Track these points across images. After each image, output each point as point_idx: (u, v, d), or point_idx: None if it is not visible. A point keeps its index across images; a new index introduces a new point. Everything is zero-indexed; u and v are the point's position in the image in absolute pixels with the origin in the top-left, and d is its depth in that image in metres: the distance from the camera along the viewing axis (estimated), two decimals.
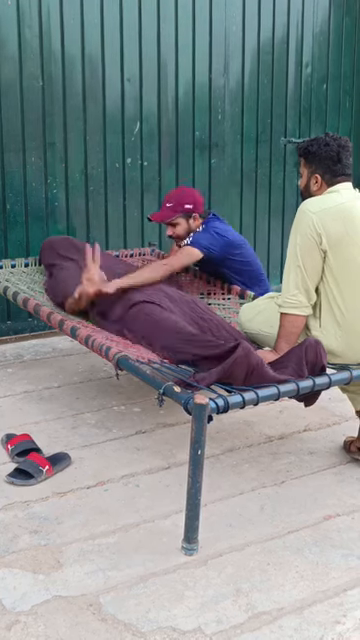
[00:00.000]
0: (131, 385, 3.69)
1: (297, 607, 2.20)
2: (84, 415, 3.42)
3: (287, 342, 2.82)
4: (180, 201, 3.79)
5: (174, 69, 4.75)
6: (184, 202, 3.78)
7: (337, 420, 3.43)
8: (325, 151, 2.85)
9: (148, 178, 4.77)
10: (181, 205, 3.77)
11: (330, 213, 2.76)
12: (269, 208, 5.32)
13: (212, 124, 4.97)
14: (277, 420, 3.43)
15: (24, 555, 2.40)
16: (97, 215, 4.63)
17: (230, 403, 2.39)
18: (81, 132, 4.47)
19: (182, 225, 3.78)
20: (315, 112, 5.46)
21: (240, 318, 3.18)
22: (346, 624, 2.13)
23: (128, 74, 4.57)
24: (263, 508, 2.72)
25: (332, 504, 2.76)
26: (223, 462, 3.04)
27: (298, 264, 2.78)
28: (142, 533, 2.54)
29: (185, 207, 3.77)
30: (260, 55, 5.11)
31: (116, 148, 4.61)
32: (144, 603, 2.19)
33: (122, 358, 2.74)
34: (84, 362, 4.08)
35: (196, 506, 2.38)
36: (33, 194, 4.38)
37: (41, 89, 4.30)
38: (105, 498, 2.75)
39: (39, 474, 2.83)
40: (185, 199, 3.79)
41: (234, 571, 2.35)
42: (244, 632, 2.09)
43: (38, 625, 2.09)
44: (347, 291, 2.78)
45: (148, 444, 3.17)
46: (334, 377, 2.68)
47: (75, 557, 2.39)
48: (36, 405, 3.53)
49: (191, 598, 2.22)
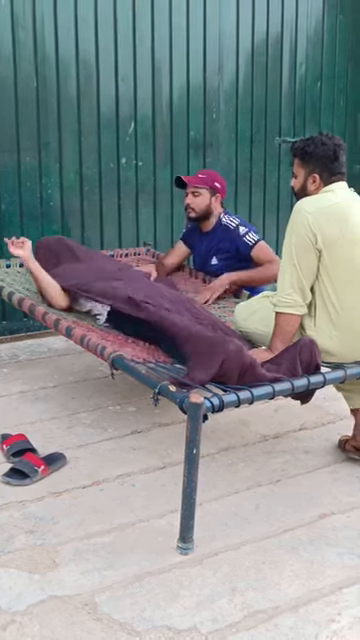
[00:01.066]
0: (126, 385, 3.69)
1: (292, 605, 2.20)
2: (79, 415, 3.42)
3: (282, 341, 2.83)
4: (213, 177, 3.97)
5: (168, 69, 4.75)
6: (215, 180, 3.96)
7: (332, 419, 3.44)
8: (323, 150, 2.86)
9: (143, 178, 4.77)
10: (212, 181, 3.94)
11: (325, 213, 2.77)
12: (264, 207, 5.33)
13: (206, 124, 4.97)
14: (272, 419, 3.43)
15: (20, 555, 2.40)
16: (92, 215, 4.63)
17: (225, 402, 2.40)
18: (76, 132, 4.47)
19: (204, 197, 3.91)
20: (309, 111, 5.46)
21: (235, 317, 3.18)
22: (341, 622, 2.13)
23: (122, 74, 4.58)
24: (258, 507, 2.72)
25: (327, 503, 2.76)
26: (218, 461, 3.04)
27: (293, 263, 2.78)
28: (137, 532, 2.54)
29: (215, 184, 3.93)
30: (254, 55, 5.11)
31: (111, 148, 4.62)
32: (139, 602, 2.19)
33: (117, 357, 2.74)
34: (79, 362, 4.08)
35: (191, 505, 2.38)
36: (28, 194, 4.38)
37: (35, 89, 4.30)
38: (100, 498, 2.75)
39: (34, 474, 2.83)
40: (217, 179, 3.98)
41: (230, 570, 2.35)
42: (240, 631, 2.09)
43: (33, 625, 2.09)
44: (342, 290, 2.79)
45: (143, 444, 3.17)
46: (329, 376, 2.68)
47: (71, 557, 2.39)
48: (31, 405, 3.52)
49: (187, 597, 2.22)
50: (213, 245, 3.95)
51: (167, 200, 4.88)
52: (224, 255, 3.91)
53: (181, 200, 4.83)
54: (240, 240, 3.83)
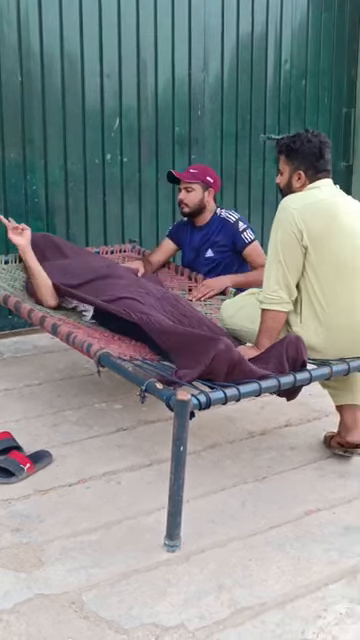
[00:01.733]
0: (112, 382, 3.68)
1: (279, 602, 2.21)
2: (65, 412, 3.41)
3: (268, 338, 2.83)
4: (204, 172, 3.98)
5: (153, 65, 4.74)
6: (207, 174, 3.97)
7: (317, 415, 3.45)
8: (308, 147, 2.87)
9: (128, 174, 4.75)
10: (204, 175, 3.95)
11: (311, 209, 2.77)
12: (249, 204, 5.33)
13: (192, 120, 4.97)
14: (258, 416, 3.44)
15: (5, 553, 2.38)
16: (77, 211, 4.61)
17: (212, 399, 2.40)
18: (60, 128, 4.45)
19: (197, 193, 3.93)
20: (294, 108, 5.47)
21: (221, 314, 3.18)
22: (327, 618, 2.14)
23: (107, 70, 4.56)
24: (245, 504, 2.72)
25: (313, 499, 2.77)
26: (205, 458, 3.04)
27: (279, 260, 2.78)
28: (124, 530, 2.54)
29: (207, 179, 3.94)
30: (239, 51, 5.11)
31: (96, 144, 4.60)
32: (127, 600, 2.19)
33: (104, 355, 2.74)
34: (65, 359, 4.06)
35: (178, 503, 2.38)
36: (12, 190, 4.35)
37: (20, 84, 4.27)
38: (87, 495, 2.74)
39: (20, 472, 2.82)
40: (209, 173, 4.00)
41: (216, 567, 2.35)
42: (227, 627, 2.09)
43: (20, 624, 2.08)
44: (327, 287, 2.80)
45: (129, 441, 3.16)
46: (315, 372, 2.69)
47: (57, 555, 2.38)
48: (17, 403, 3.51)
49: (174, 594, 2.22)
50: (208, 238, 3.96)
51: (152, 197, 4.87)
52: (220, 248, 3.94)
53: (167, 197, 4.86)
54: (238, 235, 3.89)
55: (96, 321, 3.31)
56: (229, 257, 3.93)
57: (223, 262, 3.93)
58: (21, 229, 3.51)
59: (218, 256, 3.94)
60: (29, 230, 3.55)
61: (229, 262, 3.93)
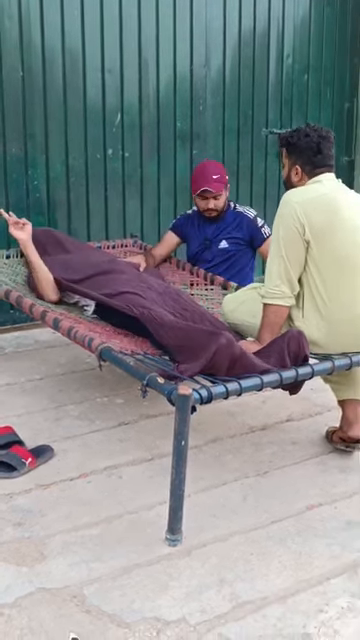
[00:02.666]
0: (114, 377, 3.68)
1: (281, 596, 2.21)
2: (67, 407, 3.41)
3: (270, 332, 2.83)
4: (222, 173, 3.94)
5: (155, 60, 4.73)
6: (224, 173, 3.95)
7: (319, 410, 3.45)
8: (305, 142, 2.86)
9: (129, 169, 4.75)
10: (224, 177, 3.93)
11: (313, 203, 2.77)
12: (251, 199, 5.31)
13: (193, 115, 4.95)
14: (260, 410, 3.44)
15: (7, 548, 2.39)
16: (78, 206, 4.60)
17: (213, 394, 2.39)
18: (62, 123, 4.44)
19: (224, 197, 3.95)
20: (296, 103, 5.46)
21: (223, 309, 3.18)
22: (329, 612, 2.14)
23: (109, 65, 4.54)
24: (246, 498, 2.72)
25: (314, 494, 2.77)
26: (206, 453, 3.04)
27: (281, 254, 2.78)
28: (125, 525, 2.54)
29: (226, 178, 3.93)
30: (241, 46, 5.09)
31: (97, 139, 4.59)
32: (128, 594, 2.19)
33: (105, 349, 2.73)
34: (66, 354, 4.06)
35: (180, 497, 2.38)
36: (14, 185, 4.35)
37: (21, 80, 4.26)
38: (88, 490, 2.75)
39: (22, 466, 2.82)
40: (223, 170, 3.96)
41: (218, 561, 2.35)
42: (228, 622, 2.10)
43: (22, 617, 2.08)
44: (329, 281, 2.79)
45: (131, 436, 3.16)
46: (317, 367, 2.69)
47: (58, 549, 2.39)
48: (18, 397, 3.51)
49: (175, 588, 2.22)
50: (223, 230, 3.98)
51: (154, 192, 4.86)
52: (235, 241, 3.98)
53: (168, 192, 4.87)
54: (258, 231, 3.93)
55: (97, 316, 3.31)
56: (243, 250, 4.00)
57: (237, 254, 3.99)
58: (22, 224, 3.51)
59: (233, 247, 3.98)
60: (30, 225, 3.54)
61: (242, 254, 4.00)
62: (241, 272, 3.99)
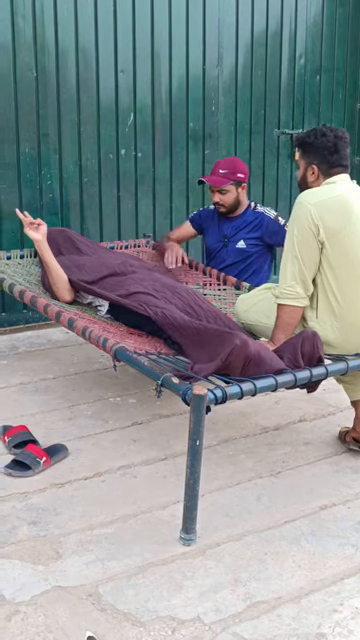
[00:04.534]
0: (127, 376, 3.70)
1: (295, 596, 2.22)
2: (80, 406, 3.43)
3: (284, 333, 2.83)
4: (234, 169, 3.87)
5: (168, 60, 4.74)
6: (237, 171, 3.87)
7: (332, 410, 3.45)
8: (322, 142, 2.86)
9: (142, 169, 4.76)
10: (234, 174, 3.85)
11: (327, 204, 2.77)
12: (262, 199, 5.32)
13: (206, 115, 4.96)
14: (272, 411, 3.44)
15: (23, 546, 2.40)
16: (91, 206, 4.62)
17: (228, 394, 2.40)
18: (75, 123, 4.46)
19: (232, 193, 3.89)
20: (308, 104, 5.46)
21: (236, 309, 3.19)
22: (343, 612, 2.15)
23: (122, 65, 4.56)
24: (260, 498, 2.73)
25: (328, 494, 2.77)
26: (219, 453, 3.05)
27: (295, 255, 2.78)
28: (140, 524, 2.55)
29: (238, 176, 3.86)
30: (254, 47, 5.10)
31: (110, 139, 4.61)
32: (143, 593, 2.20)
33: (120, 349, 2.75)
34: (79, 353, 4.08)
35: (194, 496, 2.39)
36: (27, 185, 4.37)
37: (35, 80, 4.29)
38: (102, 489, 2.76)
39: (36, 465, 2.84)
40: (238, 168, 3.88)
41: (232, 561, 2.36)
42: (243, 621, 2.10)
43: (38, 615, 2.10)
44: (344, 282, 2.79)
45: (144, 435, 3.18)
46: (331, 368, 2.69)
47: (74, 548, 2.40)
48: (32, 397, 3.53)
49: (190, 588, 2.23)
50: (241, 230, 3.95)
51: (166, 192, 4.87)
52: (255, 242, 3.95)
53: (181, 192, 4.88)
54: (281, 229, 3.85)
55: (111, 316, 3.32)
56: (260, 251, 3.97)
57: (255, 254, 3.96)
58: (37, 224, 3.53)
59: (251, 249, 3.96)
60: (45, 225, 3.56)
61: (259, 256, 3.97)
62: (256, 274, 3.96)
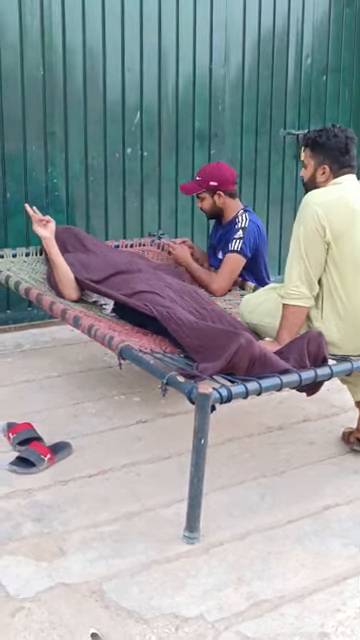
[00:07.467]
0: (131, 375, 3.70)
1: (298, 595, 2.22)
2: (85, 404, 3.44)
3: (289, 333, 2.84)
4: (206, 177, 3.88)
5: (174, 59, 4.74)
6: (210, 179, 3.86)
7: (336, 411, 3.45)
8: (334, 142, 2.87)
9: (148, 168, 4.76)
10: (206, 182, 3.87)
11: (334, 205, 2.77)
12: (268, 199, 5.33)
13: (212, 115, 4.97)
14: (276, 411, 3.45)
15: (27, 543, 2.41)
16: (97, 205, 4.63)
17: (233, 393, 2.41)
18: (81, 121, 4.46)
19: (207, 200, 3.90)
20: (314, 104, 5.46)
21: (241, 309, 3.19)
22: (346, 612, 2.15)
23: (128, 64, 4.56)
24: (263, 497, 2.74)
25: (331, 494, 2.78)
26: (223, 452, 3.06)
27: (301, 255, 2.79)
28: (144, 521, 2.56)
29: (210, 184, 3.86)
30: (260, 46, 5.10)
31: (116, 138, 4.61)
32: (147, 590, 2.21)
33: (125, 348, 2.75)
34: (84, 351, 4.09)
35: (198, 495, 2.39)
36: (33, 183, 4.37)
37: (42, 78, 4.29)
38: (107, 487, 2.77)
39: (41, 462, 2.84)
40: (212, 176, 3.87)
41: (235, 560, 2.37)
42: (246, 620, 2.11)
43: (42, 612, 2.11)
44: (349, 283, 2.80)
45: (148, 434, 3.18)
46: (335, 368, 2.70)
47: (78, 545, 2.41)
48: (37, 394, 3.54)
49: (193, 586, 2.24)
50: (222, 240, 3.92)
51: (172, 191, 4.87)
52: None
53: None
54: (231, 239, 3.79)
55: (116, 315, 3.33)
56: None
57: None
58: (46, 221, 3.54)
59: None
60: (53, 223, 3.57)
61: None
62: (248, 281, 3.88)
